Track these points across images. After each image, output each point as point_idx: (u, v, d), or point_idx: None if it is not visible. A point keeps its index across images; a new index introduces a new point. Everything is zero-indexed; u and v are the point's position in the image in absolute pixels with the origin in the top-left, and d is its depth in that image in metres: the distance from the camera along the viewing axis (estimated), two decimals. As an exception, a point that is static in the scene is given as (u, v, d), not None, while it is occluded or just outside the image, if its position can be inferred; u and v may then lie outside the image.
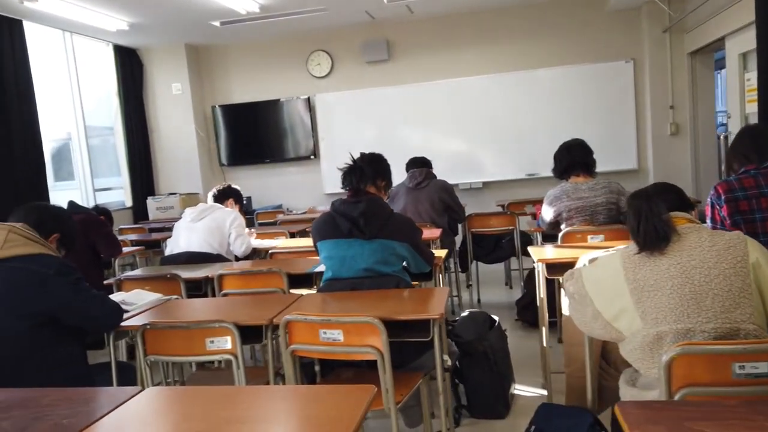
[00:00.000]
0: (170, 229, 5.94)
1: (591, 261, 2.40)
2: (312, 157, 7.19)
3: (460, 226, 4.52)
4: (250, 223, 5.43)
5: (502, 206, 5.27)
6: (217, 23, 6.20)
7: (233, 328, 1.97)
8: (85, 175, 6.47)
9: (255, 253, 3.95)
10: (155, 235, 5.39)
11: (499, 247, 4.45)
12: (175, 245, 3.67)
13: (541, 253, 2.75)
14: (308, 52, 7.06)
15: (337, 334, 1.87)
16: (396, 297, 2.23)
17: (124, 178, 7.02)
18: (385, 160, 2.56)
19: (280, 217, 6.10)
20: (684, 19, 5.77)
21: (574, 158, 3.30)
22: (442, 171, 6.66)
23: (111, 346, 2.17)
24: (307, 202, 7.24)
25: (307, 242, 4.06)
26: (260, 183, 7.39)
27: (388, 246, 2.35)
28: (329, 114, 7.10)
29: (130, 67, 6.98)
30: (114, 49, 6.72)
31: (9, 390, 1.50)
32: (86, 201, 6.49)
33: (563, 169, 3.34)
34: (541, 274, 2.69)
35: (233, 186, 4.05)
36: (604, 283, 1.66)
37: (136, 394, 1.40)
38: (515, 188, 6.61)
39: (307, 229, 4.77)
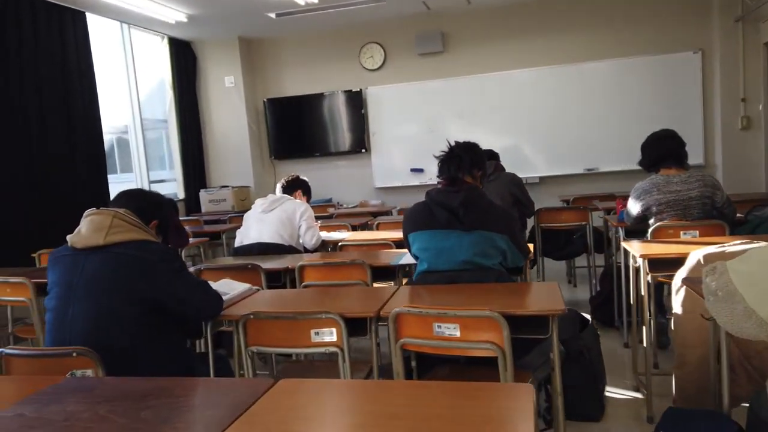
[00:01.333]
0: (225, 221, 5.98)
1: (706, 257, 2.25)
2: (363, 150, 7.12)
3: (528, 221, 4.38)
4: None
5: (567, 201, 5.10)
6: (273, 15, 6.17)
7: (339, 320, 1.89)
8: (141, 167, 6.53)
9: (322, 246, 3.89)
10: (207, 228, 5.40)
11: (570, 242, 4.30)
12: (245, 236, 3.64)
13: (643, 249, 2.60)
14: (361, 45, 6.98)
15: (453, 329, 1.78)
16: (501, 291, 2.13)
17: (177, 171, 7.06)
18: (481, 149, 2.45)
19: (331, 210, 6.05)
20: (760, 8, 5.48)
21: (665, 150, 3.14)
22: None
23: (208, 336, 2.12)
24: (357, 197, 7.18)
25: (375, 235, 3.99)
26: (310, 176, 7.18)
27: (488, 238, 2.24)
28: (381, 107, 7.01)
29: (184, 60, 7.02)
30: (169, 41, 6.76)
31: (136, 379, 1.45)
32: (142, 193, 6.53)
33: (653, 161, 3.18)
34: (642, 271, 2.54)
35: (301, 177, 4.00)
36: (758, 278, 1.52)
37: (272, 386, 1.33)
38: (573, 183, 6.42)
39: (369, 222, 4.70)
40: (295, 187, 3.92)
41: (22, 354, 1.71)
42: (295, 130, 7.33)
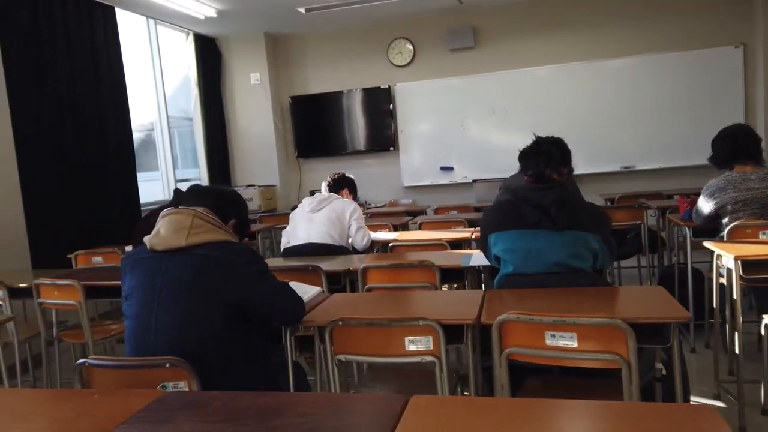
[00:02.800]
0: (254, 221, 5.85)
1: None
2: (391, 148, 6.98)
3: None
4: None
5: (611, 200, 4.95)
6: (302, 9, 6.04)
7: (437, 327, 1.76)
8: (167, 165, 6.41)
9: (370, 247, 3.76)
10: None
11: (624, 243, 4.14)
12: (293, 236, 3.51)
13: (730, 250, 2.45)
14: (389, 40, 6.85)
15: (569, 338, 1.64)
16: (605, 296, 2.00)
17: (202, 170, 6.94)
18: (567, 145, 2.31)
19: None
20: (807, 0, 5.34)
21: (740, 146, 3.00)
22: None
23: (288, 343, 1.99)
24: (385, 196, 7.04)
25: (425, 235, 3.85)
26: (336, 175, 7.20)
27: (582, 238, 2.11)
28: (409, 104, 6.88)
29: (210, 56, 6.89)
30: (194, 38, 6.64)
31: (248, 394, 1.32)
32: (168, 193, 6.43)
33: (726, 158, 3.03)
34: (735, 273, 2.40)
35: (347, 175, 3.86)
36: None
37: (406, 404, 1.19)
38: (610, 181, 6.27)
39: (411, 223, 4.56)
40: (342, 185, 3.78)
41: (108, 365, 1.58)
42: (320, 128, 7.20)
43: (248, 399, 1.29)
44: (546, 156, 2.19)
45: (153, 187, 6.36)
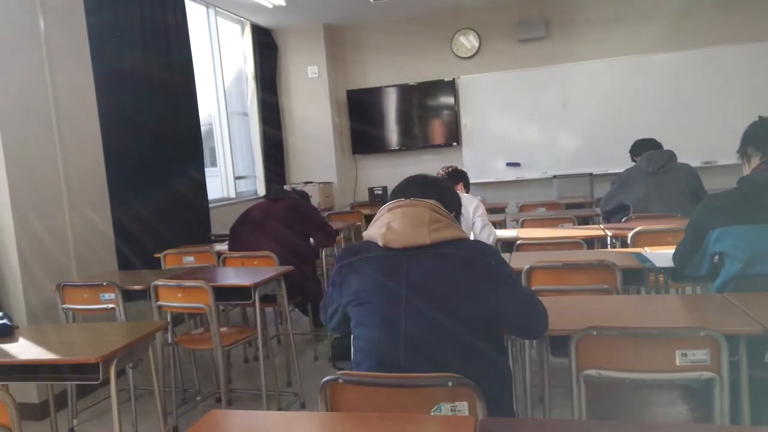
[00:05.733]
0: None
1: None
2: (453, 144, 6.72)
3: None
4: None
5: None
6: (371, -2, 5.79)
7: (720, 339, 1.50)
8: (226, 162, 6.16)
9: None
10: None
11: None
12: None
13: None
14: (454, 31, 6.58)
15: None
16: None
17: (257, 166, 6.68)
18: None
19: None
20: None
21: None
22: (605, 157, 6.09)
23: (510, 359, 1.73)
24: (447, 193, 6.77)
25: (551, 233, 3.57)
26: (394, 172, 6.95)
27: (833, 235, 1.84)
28: (474, 97, 6.61)
29: (266, 49, 6.64)
30: (251, 29, 6.39)
31: (561, 422, 1.06)
32: (227, 190, 6.19)
33: None
34: None
35: (460, 168, 3.60)
36: None
37: None
38: (692, 178, 5.98)
39: (510, 220, 4.30)
40: (457, 179, 3.52)
41: (371, 382, 1.32)
42: (378, 122, 6.94)
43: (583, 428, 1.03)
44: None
45: (212, 184, 6.10)
